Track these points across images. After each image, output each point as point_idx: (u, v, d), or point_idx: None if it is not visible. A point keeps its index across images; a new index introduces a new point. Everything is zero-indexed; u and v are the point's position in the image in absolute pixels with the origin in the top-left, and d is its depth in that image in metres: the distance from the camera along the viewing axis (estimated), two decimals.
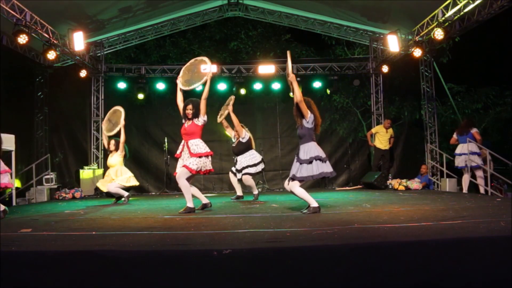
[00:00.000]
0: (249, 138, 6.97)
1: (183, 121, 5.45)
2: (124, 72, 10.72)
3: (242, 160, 6.83)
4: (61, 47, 8.56)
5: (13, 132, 7.08)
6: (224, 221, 4.22)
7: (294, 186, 4.69)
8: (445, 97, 10.70)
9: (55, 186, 9.07)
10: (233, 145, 7.04)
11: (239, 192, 7.12)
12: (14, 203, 7.20)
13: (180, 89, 5.49)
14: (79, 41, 8.49)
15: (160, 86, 10.59)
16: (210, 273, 2.56)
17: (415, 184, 8.74)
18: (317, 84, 10.71)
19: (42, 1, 7.47)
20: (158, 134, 10.99)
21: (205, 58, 5.72)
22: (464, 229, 3.27)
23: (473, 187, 8.54)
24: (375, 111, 10.66)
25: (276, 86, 10.69)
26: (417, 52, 8.62)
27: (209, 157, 5.37)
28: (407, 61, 9.88)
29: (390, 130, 9.72)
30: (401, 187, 8.63)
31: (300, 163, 4.64)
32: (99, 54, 10.35)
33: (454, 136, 8.07)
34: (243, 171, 6.78)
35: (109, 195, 8.71)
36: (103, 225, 4.16)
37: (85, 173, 9.47)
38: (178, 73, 7.55)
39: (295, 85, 4.69)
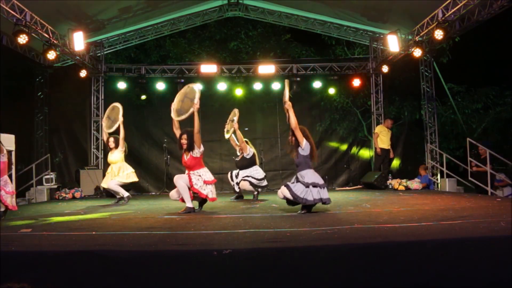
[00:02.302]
0: (253, 154, 6.98)
1: (181, 151, 5.39)
2: (124, 72, 10.71)
3: (246, 172, 6.90)
4: (61, 47, 8.56)
5: (13, 132, 7.07)
6: (224, 221, 4.22)
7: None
8: (445, 97, 10.70)
9: (55, 186, 9.06)
10: (237, 159, 7.08)
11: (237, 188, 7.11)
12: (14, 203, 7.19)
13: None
14: (79, 41, 8.48)
15: (160, 86, 10.58)
16: (210, 273, 2.56)
17: (415, 184, 8.73)
18: (317, 84, 10.71)
19: (42, 1, 7.47)
20: (158, 134, 10.99)
21: (196, 88, 5.53)
22: (464, 229, 3.28)
23: (473, 187, 8.54)
24: (375, 111, 10.65)
25: (276, 86, 10.69)
26: (417, 52, 8.61)
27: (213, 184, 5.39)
28: (407, 61, 9.87)
29: (390, 131, 9.71)
30: (401, 187, 8.63)
31: (297, 181, 4.69)
32: (99, 54, 10.34)
33: None
34: (244, 177, 6.81)
35: (109, 195, 8.72)
36: (103, 225, 4.16)
37: None
38: (178, 73, 7.67)
39: (291, 113, 4.75)
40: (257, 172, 6.89)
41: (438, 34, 7.63)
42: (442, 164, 9.30)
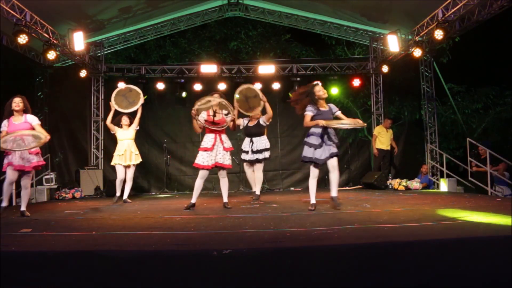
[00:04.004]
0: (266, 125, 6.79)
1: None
2: (124, 72, 10.72)
3: (259, 142, 6.56)
4: (61, 47, 8.56)
5: None
6: (224, 221, 4.22)
7: None
8: (445, 97, 10.70)
9: (55, 186, 9.06)
10: (250, 125, 6.68)
11: (253, 187, 6.84)
12: (14, 203, 7.19)
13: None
14: (79, 41, 8.48)
15: (160, 86, 10.59)
16: (210, 273, 2.55)
17: (415, 184, 8.73)
18: None
19: (42, 1, 7.47)
20: (158, 134, 10.99)
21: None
22: (464, 229, 3.28)
23: (473, 187, 8.54)
24: (375, 111, 10.66)
25: (276, 86, 10.69)
26: (417, 52, 8.61)
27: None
28: (407, 61, 9.88)
29: (390, 131, 9.69)
30: (401, 187, 8.63)
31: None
32: (99, 54, 10.35)
33: None
34: (261, 155, 6.48)
35: (109, 195, 8.72)
36: (103, 225, 4.16)
37: None
38: (178, 73, 7.58)
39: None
40: (267, 141, 6.65)
41: (438, 34, 7.63)
42: (442, 164, 9.30)
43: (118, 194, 6.98)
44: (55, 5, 7.90)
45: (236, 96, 6.51)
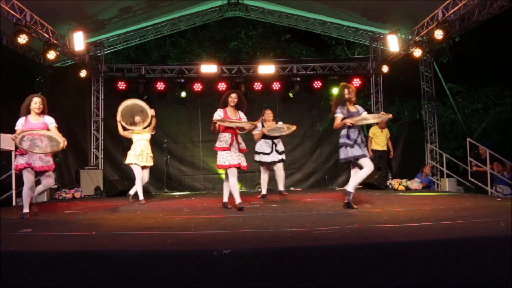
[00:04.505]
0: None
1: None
2: (124, 72, 10.71)
3: (280, 143, 7.00)
4: (61, 47, 8.56)
5: (13, 132, 7.05)
6: (224, 221, 4.22)
7: None
8: (445, 97, 10.70)
9: (55, 186, 9.05)
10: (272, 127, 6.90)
11: (265, 190, 7.17)
12: (14, 203, 7.19)
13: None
14: (79, 41, 8.48)
15: (160, 86, 10.59)
16: (210, 273, 2.55)
17: (415, 184, 8.73)
18: (317, 84, 10.71)
19: (42, 1, 7.47)
20: (158, 134, 10.93)
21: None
22: (464, 229, 3.28)
23: (473, 187, 8.55)
24: (375, 111, 10.65)
25: (276, 86, 10.69)
26: (417, 52, 8.62)
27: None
28: (407, 61, 9.88)
29: (386, 131, 9.62)
30: (401, 187, 8.63)
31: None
32: (99, 54, 10.35)
33: None
34: (284, 155, 6.99)
35: (109, 194, 8.72)
36: (103, 225, 4.16)
37: None
38: (178, 73, 7.54)
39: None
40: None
41: (438, 34, 7.63)
42: (442, 164, 9.30)
43: (132, 193, 6.75)
44: (55, 5, 7.90)
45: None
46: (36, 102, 5.00)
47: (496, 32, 9.70)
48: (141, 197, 6.60)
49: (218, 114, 5.24)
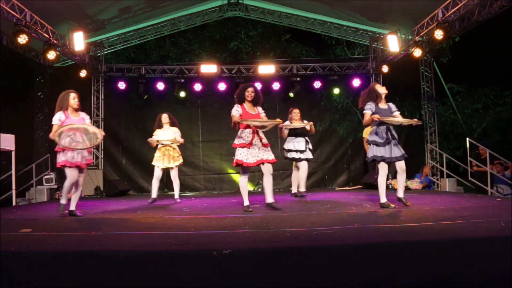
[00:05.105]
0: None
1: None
2: (124, 72, 10.72)
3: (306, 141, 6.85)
4: (61, 47, 8.56)
5: (13, 132, 7.07)
6: (224, 221, 4.22)
7: None
8: (445, 97, 10.70)
9: (55, 186, 9.06)
10: (298, 127, 6.80)
11: (296, 188, 6.98)
12: (14, 203, 7.20)
13: None
14: (79, 41, 8.49)
15: (160, 86, 10.59)
16: (210, 273, 2.55)
17: (415, 184, 8.73)
18: (317, 84, 10.70)
19: (42, 1, 7.47)
20: None
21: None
22: (464, 229, 3.27)
23: (473, 187, 8.54)
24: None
25: (276, 86, 10.69)
26: (417, 52, 8.61)
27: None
28: (407, 61, 9.88)
29: None
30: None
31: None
32: (99, 54, 10.34)
33: None
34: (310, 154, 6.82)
35: (110, 194, 8.72)
36: (103, 225, 4.16)
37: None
38: (178, 73, 7.48)
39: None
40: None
41: (438, 34, 7.63)
42: (442, 164, 9.30)
43: (154, 195, 6.82)
44: (55, 5, 7.90)
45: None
46: (74, 97, 4.92)
47: (496, 32, 9.70)
48: (176, 196, 6.99)
49: (236, 110, 5.00)
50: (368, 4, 8.97)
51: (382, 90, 4.99)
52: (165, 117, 6.82)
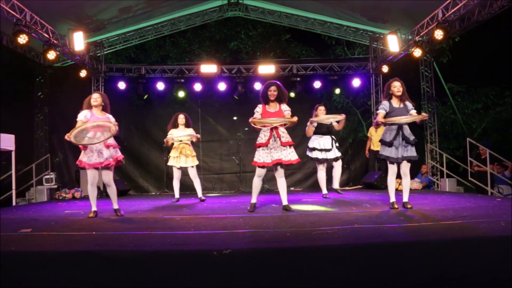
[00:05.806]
0: None
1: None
2: (124, 72, 10.72)
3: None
4: (61, 47, 8.56)
5: (13, 132, 7.08)
6: (224, 221, 4.22)
7: None
8: (445, 97, 10.70)
9: (55, 186, 9.06)
10: (327, 122, 6.79)
11: (325, 189, 6.94)
12: (14, 203, 7.20)
13: None
14: (79, 41, 8.48)
15: (160, 86, 10.59)
16: (210, 273, 2.55)
17: (415, 184, 8.73)
18: (317, 84, 10.70)
19: (42, 1, 7.47)
20: (158, 134, 10.97)
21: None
22: (464, 229, 3.27)
23: (473, 187, 8.54)
24: (375, 111, 10.65)
25: None
26: (417, 52, 8.61)
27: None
28: (407, 61, 9.87)
29: (380, 131, 9.58)
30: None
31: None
32: (99, 54, 10.34)
33: None
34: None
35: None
36: (103, 225, 4.16)
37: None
38: (178, 73, 7.43)
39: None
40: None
41: (438, 34, 7.63)
42: (442, 164, 9.30)
43: (177, 196, 6.88)
44: (55, 5, 7.90)
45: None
46: (94, 97, 5.04)
47: (496, 32, 9.70)
48: (199, 194, 7.00)
49: (257, 111, 4.96)
50: (368, 4, 8.97)
51: (395, 88, 4.93)
52: (181, 118, 6.74)
